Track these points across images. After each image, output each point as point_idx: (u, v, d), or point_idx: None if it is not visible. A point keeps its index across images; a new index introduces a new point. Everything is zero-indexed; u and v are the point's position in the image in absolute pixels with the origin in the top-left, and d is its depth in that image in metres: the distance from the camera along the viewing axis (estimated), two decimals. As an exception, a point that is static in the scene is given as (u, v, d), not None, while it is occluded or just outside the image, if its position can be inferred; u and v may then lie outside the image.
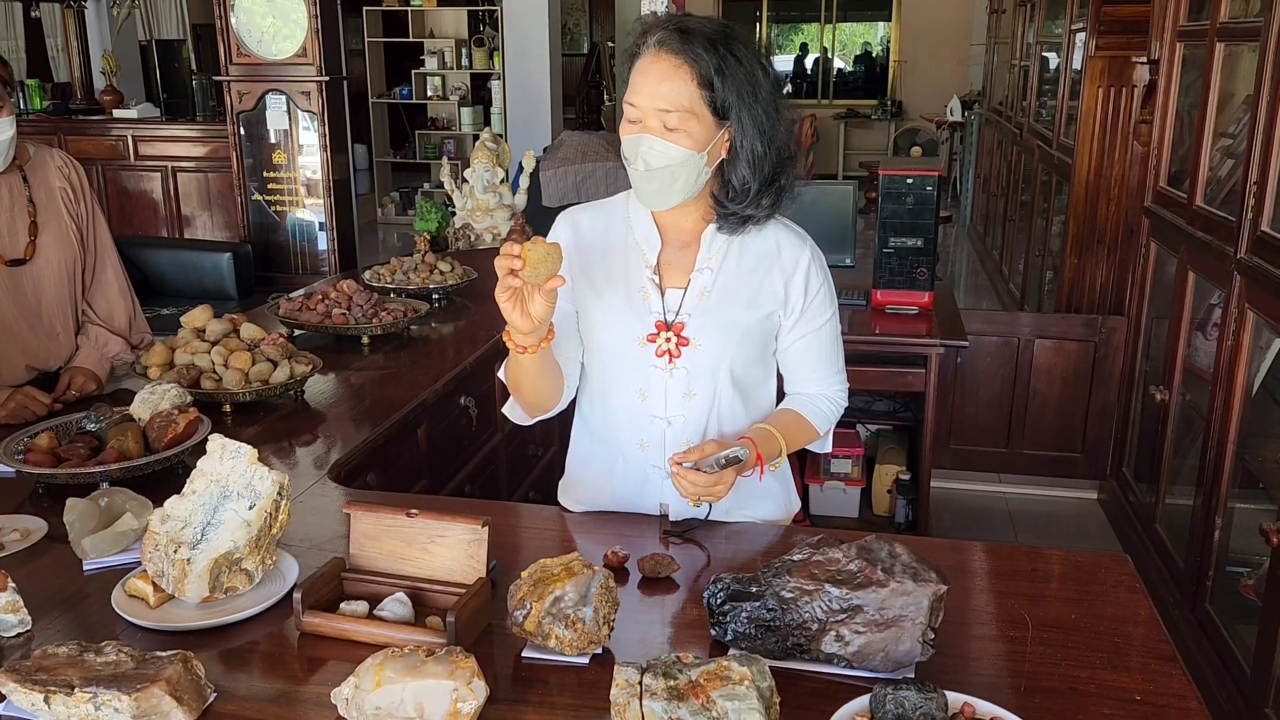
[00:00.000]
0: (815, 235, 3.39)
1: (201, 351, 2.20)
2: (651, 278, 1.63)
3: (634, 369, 1.63)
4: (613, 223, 1.67)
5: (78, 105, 7.52)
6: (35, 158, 2.22)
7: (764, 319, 1.65)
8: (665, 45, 1.51)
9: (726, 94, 1.51)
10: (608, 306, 1.64)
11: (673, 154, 1.50)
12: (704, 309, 1.61)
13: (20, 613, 1.36)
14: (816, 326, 1.68)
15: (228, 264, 4.81)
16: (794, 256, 1.65)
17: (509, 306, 1.43)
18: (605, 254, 1.65)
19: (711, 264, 1.63)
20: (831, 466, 3.42)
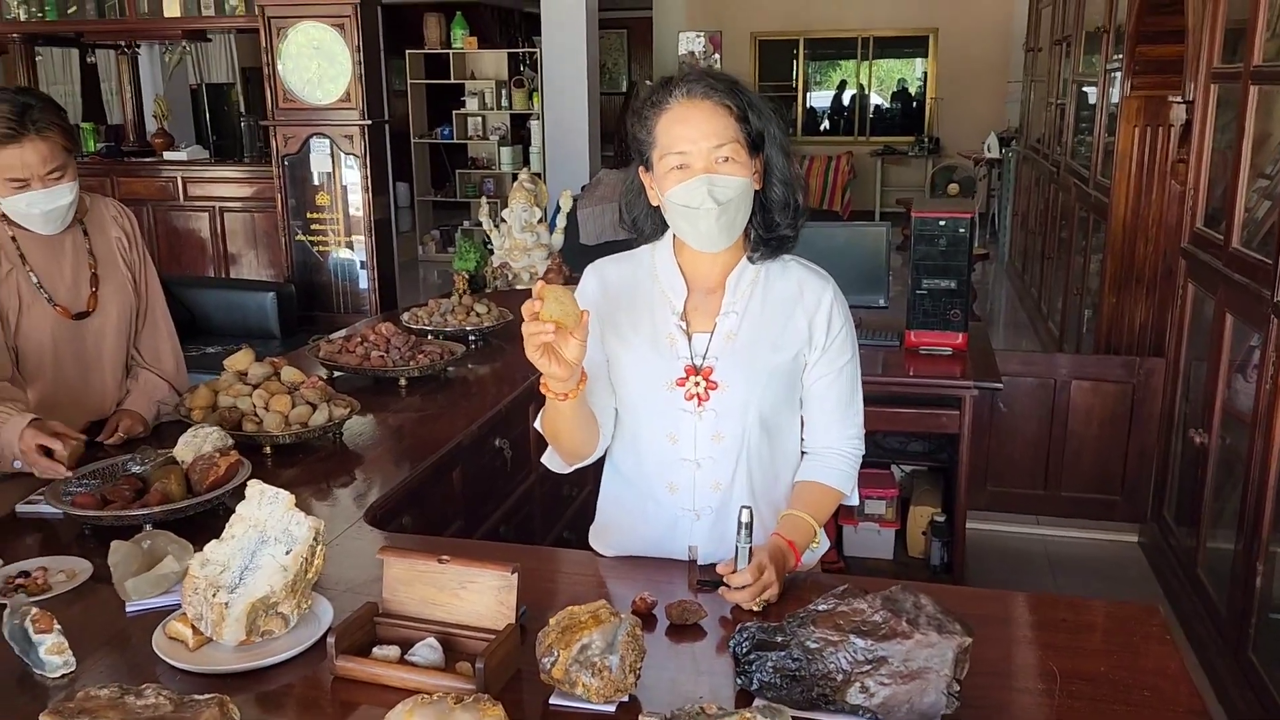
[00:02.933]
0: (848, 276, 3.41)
1: (243, 394, 2.26)
2: (679, 324, 1.67)
3: (663, 413, 1.67)
4: (639, 272, 1.72)
5: (130, 148, 7.73)
6: (93, 209, 2.30)
7: (790, 360, 1.68)
8: (695, 93, 1.59)
9: (760, 124, 1.62)
10: (636, 353, 1.68)
11: (737, 184, 1.58)
12: (730, 351, 1.65)
13: (65, 654, 1.40)
14: (837, 367, 1.71)
15: (271, 303, 4.91)
16: (816, 296, 1.69)
17: (544, 361, 1.47)
18: (632, 303, 1.70)
19: (737, 307, 1.67)
20: (865, 507, 3.41)
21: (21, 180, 2.02)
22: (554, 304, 1.45)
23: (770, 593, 1.54)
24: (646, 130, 1.61)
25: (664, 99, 1.60)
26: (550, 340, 1.45)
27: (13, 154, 2.00)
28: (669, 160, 1.58)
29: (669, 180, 1.59)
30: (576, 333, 1.46)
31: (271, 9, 4.97)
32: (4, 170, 2.01)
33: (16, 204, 2.05)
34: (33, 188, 2.04)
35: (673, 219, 1.63)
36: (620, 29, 14.32)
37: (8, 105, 1.99)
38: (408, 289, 8.08)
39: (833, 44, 12.43)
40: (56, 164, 2.05)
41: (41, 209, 2.07)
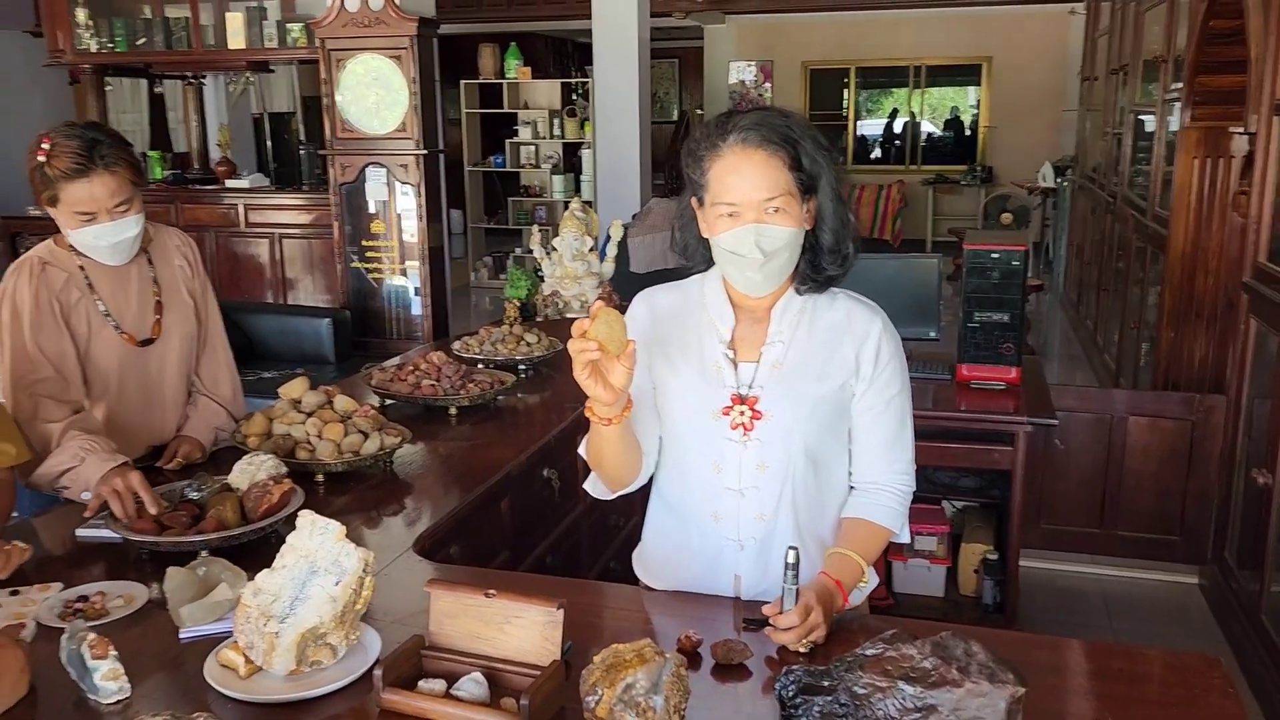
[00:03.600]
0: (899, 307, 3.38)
1: (297, 422, 2.29)
2: (726, 352, 1.67)
3: (709, 442, 1.67)
4: (688, 301, 1.74)
5: (194, 175, 7.92)
6: (157, 239, 2.36)
7: (836, 389, 1.67)
8: (748, 142, 1.59)
9: (812, 169, 1.62)
10: (683, 381, 1.68)
11: (784, 235, 1.59)
12: (776, 380, 1.65)
13: (120, 680, 1.43)
14: (886, 399, 1.69)
15: (327, 329, 4.99)
16: (865, 326, 1.69)
17: (590, 382, 1.49)
18: (681, 331, 1.71)
19: (783, 337, 1.67)
20: (915, 544, 3.37)
21: (89, 214, 2.08)
22: (603, 325, 1.46)
23: (817, 634, 1.53)
24: (700, 171, 1.63)
25: (718, 143, 1.61)
26: (595, 359, 1.46)
27: (82, 188, 2.05)
28: (720, 208, 1.60)
29: (719, 225, 1.61)
30: (623, 360, 1.48)
31: (332, 41, 5.08)
32: (73, 204, 2.07)
33: (84, 236, 2.11)
34: (100, 221, 2.09)
35: (720, 261, 1.65)
36: (671, 59, 14.43)
37: (78, 141, 2.05)
38: (460, 315, 8.17)
39: (884, 73, 12.40)
40: (123, 197, 2.11)
41: (109, 241, 2.12)
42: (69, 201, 2.07)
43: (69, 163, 2.04)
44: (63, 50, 7.51)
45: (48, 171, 2.05)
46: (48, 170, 2.05)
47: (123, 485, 1.91)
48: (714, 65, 12.15)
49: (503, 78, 9.69)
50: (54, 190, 2.06)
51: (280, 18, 7.01)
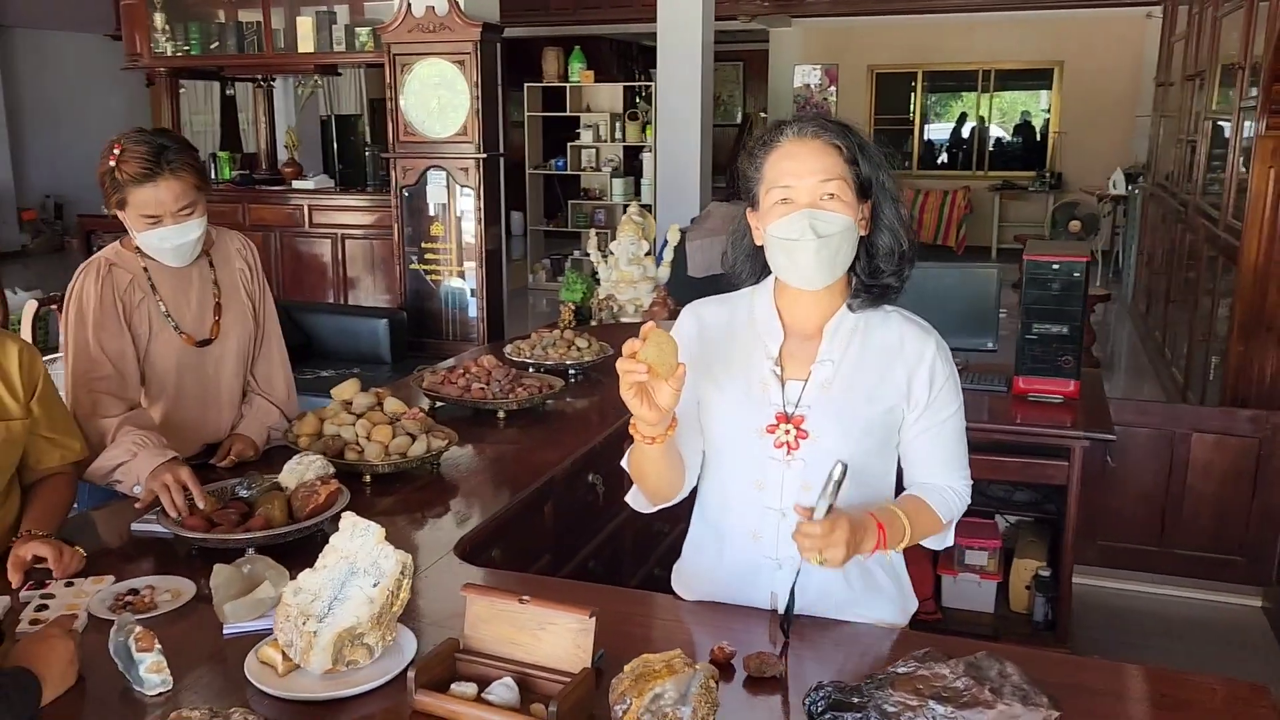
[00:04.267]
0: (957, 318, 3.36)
1: (347, 424, 2.33)
2: (773, 369, 1.65)
3: (752, 460, 1.65)
4: (736, 315, 1.71)
5: (262, 176, 8.10)
6: (218, 242, 2.42)
7: (885, 413, 1.64)
8: (805, 132, 1.60)
9: (869, 169, 1.61)
10: (728, 397, 1.67)
11: (839, 220, 1.57)
12: (824, 401, 1.62)
13: (163, 673, 1.46)
14: (940, 420, 1.66)
15: (383, 330, 5.06)
16: (918, 349, 1.65)
17: (636, 402, 1.48)
18: (728, 346, 1.69)
19: (834, 356, 1.64)
20: (966, 558, 3.31)
21: (155, 216, 2.14)
22: (654, 348, 1.45)
23: (833, 554, 1.49)
24: (755, 167, 1.62)
25: (775, 138, 1.62)
26: (643, 380, 1.45)
27: (148, 192, 2.12)
28: (774, 194, 1.59)
29: (772, 214, 1.59)
30: (671, 381, 1.47)
31: (397, 46, 5.16)
32: (140, 207, 2.13)
33: (150, 238, 2.18)
34: (165, 224, 2.15)
35: (772, 255, 1.62)
36: (736, 61, 14.39)
37: (146, 147, 2.11)
38: (517, 316, 8.24)
39: (953, 77, 12.22)
40: (187, 201, 2.16)
41: (172, 243, 2.18)
42: (136, 205, 2.13)
43: (137, 167, 2.10)
44: (140, 54, 7.73)
45: (117, 176, 2.11)
46: (117, 175, 2.11)
47: (172, 480, 1.96)
48: (779, 68, 12.09)
49: (565, 81, 9.76)
50: (123, 194, 2.13)
51: (349, 22, 7.15)
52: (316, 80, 8.54)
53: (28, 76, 11.40)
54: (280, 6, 7.32)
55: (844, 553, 1.50)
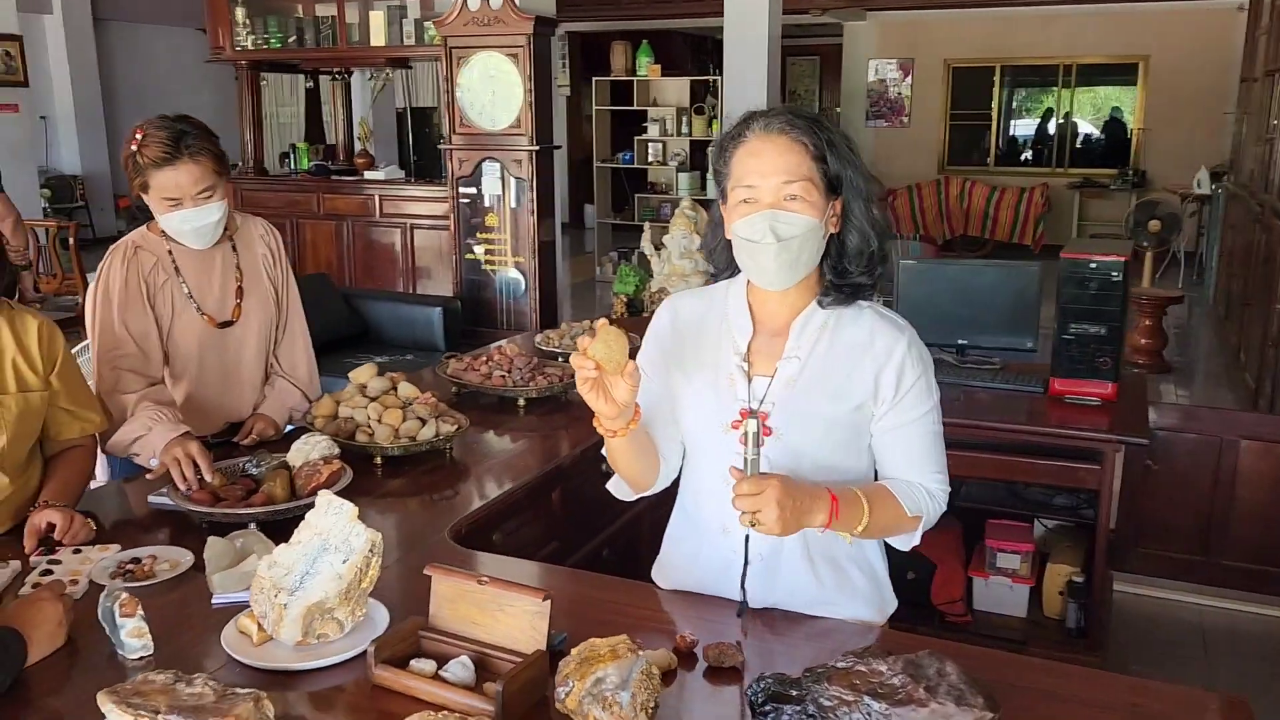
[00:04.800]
0: (996, 317, 3.30)
1: (360, 406, 2.39)
2: (740, 364, 1.65)
3: (719, 454, 1.65)
4: (711, 309, 1.71)
5: (337, 166, 8.30)
6: (243, 228, 2.50)
7: (852, 410, 1.62)
8: (772, 128, 1.58)
9: (838, 166, 1.58)
10: (696, 391, 1.67)
11: (801, 223, 1.55)
12: (788, 398, 1.61)
13: (144, 638, 1.53)
14: (910, 419, 1.64)
15: (438, 318, 5.16)
16: (888, 346, 1.63)
17: (592, 396, 1.50)
18: (699, 340, 1.69)
19: (800, 353, 1.63)
20: (998, 561, 3.25)
21: (175, 199, 2.23)
22: (602, 345, 1.47)
23: (766, 516, 1.45)
24: (724, 162, 1.62)
25: (743, 131, 1.60)
26: (594, 376, 1.47)
27: (168, 175, 2.20)
28: (739, 193, 1.58)
29: (737, 213, 1.59)
30: (625, 378, 1.48)
31: (454, 40, 5.25)
32: (160, 190, 2.22)
33: (171, 221, 2.26)
34: (185, 206, 2.24)
35: (738, 253, 1.62)
36: (812, 55, 14.26)
37: (166, 132, 2.20)
38: (584, 308, 8.30)
39: (1034, 71, 11.91)
40: (206, 185, 2.24)
41: (192, 225, 2.27)
42: (157, 188, 2.22)
43: (158, 151, 2.18)
44: (222, 47, 7.99)
45: (139, 160, 2.20)
46: (139, 159, 2.20)
47: (182, 454, 2.04)
48: (852, 63, 11.93)
49: (633, 75, 9.79)
50: (144, 177, 2.22)
51: (419, 16, 7.28)
52: (388, 73, 8.70)
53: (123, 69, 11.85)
54: (354, 1, 7.49)
55: (777, 515, 1.45)
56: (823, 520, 1.52)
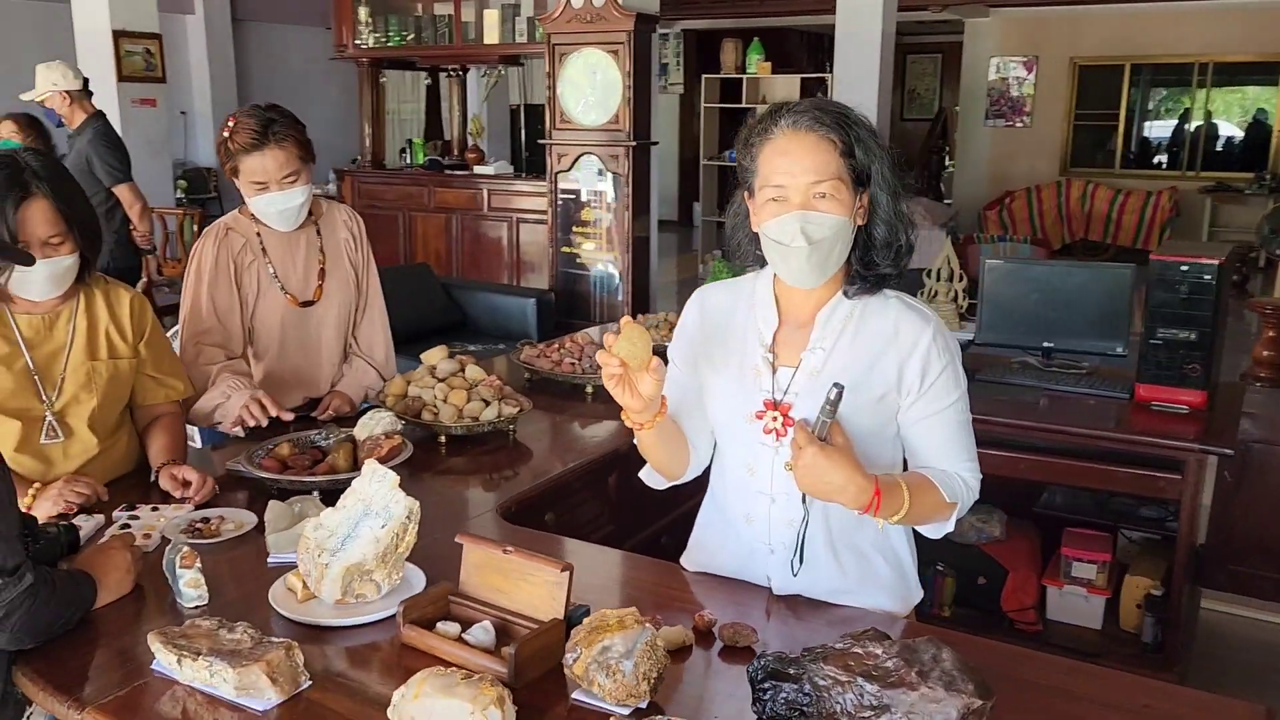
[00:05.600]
0: (1084, 321, 3.21)
1: (428, 387, 2.50)
2: (765, 356, 1.67)
3: (743, 444, 1.67)
4: (738, 301, 1.74)
5: (450, 161, 8.55)
6: (327, 214, 2.64)
7: (876, 401, 1.63)
8: (800, 125, 1.58)
9: (866, 160, 1.58)
10: (722, 382, 1.70)
11: (832, 223, 1.56)
12: (811, 389, 1.62)
13: (200, 589, 1.65)
14: (939, 408, 1.63)
15: (531, 309, 5.28)
16: (913, 337, 1.62)
17: (618, 391, 1.55)
18: (726, 332, 1.72)
19: (824, 344, 1.64)
20: (1073, 570, 3.16)
21: (261, 183, 2.37)
22: (625, 342, 1.52)
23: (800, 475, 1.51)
24: (751, 158, 1.63)
25: (770, 127, 1.60)
26: (618, 373, 1.52)
27: (255, 160, 2.35)
28: (767, 191, 1.59)
29: (765, 212, 1.60)
30: (649, 373, 1.52)
31: (557, 37, 5.36)
32: (249, 174, 2.37)
33: (258, 203, 2.41)
34: (271, 190, 2.38)
35: (767, 252, 1.63)
36: (934, 54, 13.97)
37: (255, 120, 2.34)
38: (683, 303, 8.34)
39: (1167, 70, 11.40)
40: (291, 169, 2.38)
41: (277, 208, 2.41)
42: (246, 171, 2.37)
43: (246, 138, 2.33)
44: (345, 45, 8.33)
45: (230, 146, 2.36)
46: (230, 145, 2.36)
47: (251, 399, 2.25)
48: (974, 61, 11.64)
49: (743, 73, 9.78)
50: (235, 162, 2.37)
51: (532, 14, 7.45)
52: (501, 70, 8.91)
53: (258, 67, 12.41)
54: (471, 0, 7.71)
55: (803, 476, 1.51)
56: (855, 506, 1.53)
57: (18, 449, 1.99)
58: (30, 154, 1.94)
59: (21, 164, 1.89)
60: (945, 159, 13.08)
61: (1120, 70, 11.18)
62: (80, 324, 2.06)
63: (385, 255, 7.99)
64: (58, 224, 1.92)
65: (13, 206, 1.86)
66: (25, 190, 1.87)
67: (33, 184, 1.88)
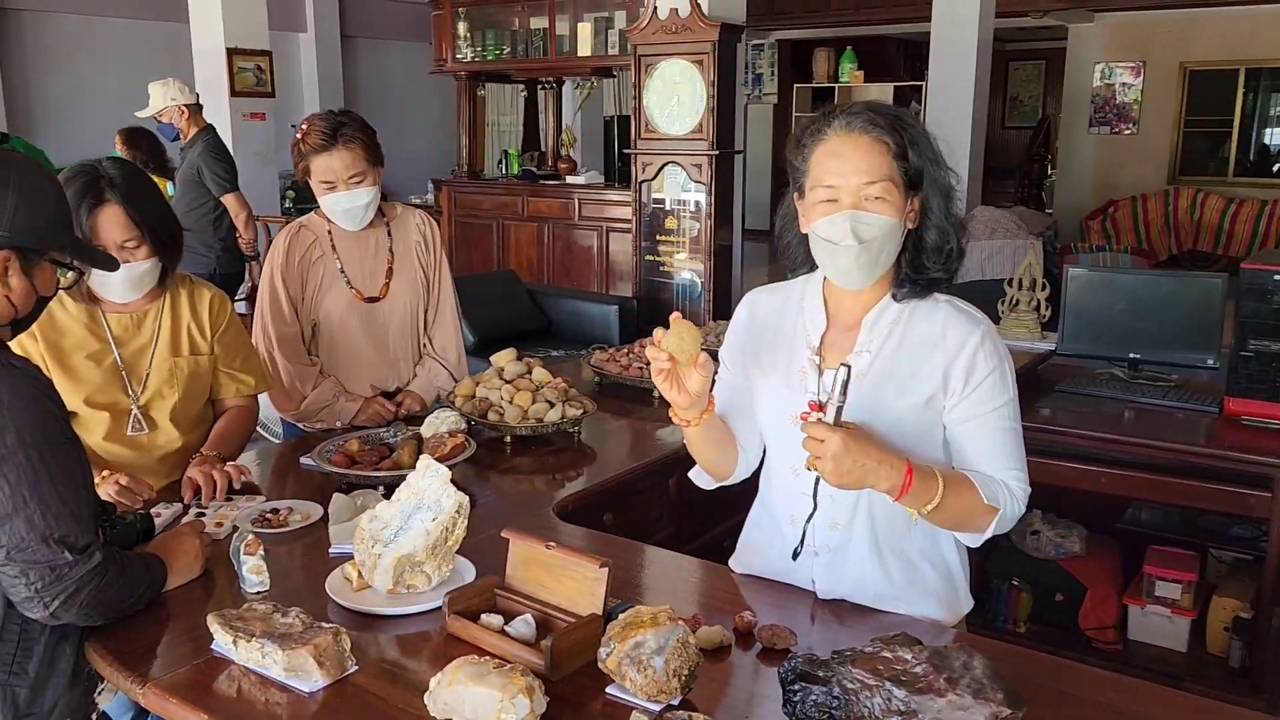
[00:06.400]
0: (1172, 332, 3.10)
1: (495, 388, 2.55)
2: (812, 358, 1.67)
3: (789, 446, 1.67)
4: (788, 304, 1.74)
5: (543, 171, 8.69)
6: (401, 217, 2.72)
7: (921, 405, 1.61)
8: (854, 127, 1.58)
9: (919, 162, 1.58)
10: (769, 384, 1.71)
11: (883, 224, 1.56)
12: (856, 391, 1.61)
13: (263, 575, 1.72)
14: (983, 412, 1.60)
15: (614, 315, 5.33)
16: (960, 339, 1.60)
17: (666, 386, 1.57)
18: (775, 334, 1.72)
19: (871, 347, 1.63)
20: (1157, 589, 3.05)
21: (329, 182, 2.48)
22: (675, 337, 1.54)
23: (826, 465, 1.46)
24: (802, 159, 1.63)
25: (823, 128, 1.61)
26: (667, 368, 1.54)
27: (324, 160, 2.46)
28: (818, 192, 1.59)
29: (816, 212, 1.60)
30: (697, 369, 1.53)
31: (643, 48, 5.41)
32: (318, 173, 2.48)
33: (326, 201, 2.53)
34: (338, 189, 2.49)
35: (816, 252, 1.63)
36: (1037, 60, 13.63)
37: (325, 122, 2.46)
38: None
39: (1286, 73, 10.89)
40: (357, 170, 2.48)
41: (344, 206, 2.51)
42: (315, 171, 2.49)
43: (317, 139, 2.45)
44: (444, 59, 8.56)
45: (302, 147, 2.48)
46: (302, 146, 2.48)
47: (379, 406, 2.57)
48: (1077, 66, 11.30)
49: (835, 81, 9.69)
50: (306, 161, 2.49)
51: (624, 26, 7.53)
52: (593, 82, 9.02)
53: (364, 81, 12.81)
54: (566, 14, 7.84)
55: (833, 466, 1.45)
56: (888, 487, 1.49)
57: (106, 438, 2.11)
58: (110, 162, 2.06)
59: (99, 172, 2.01)
60: (1047, 167, 12.73)
61: (1234, 75, 10.71)
62: (165, 322, 2.18)
63: (479, 262, 8.17)
64: (130, 229, 2.03)
65: (86, 212, 1.98)
66: (99, 197, 1.99)
67: (107, 191, 2.00)
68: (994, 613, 3.27)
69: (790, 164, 1.67)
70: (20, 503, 1.45)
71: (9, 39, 8.45)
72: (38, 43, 8.70)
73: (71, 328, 2.12)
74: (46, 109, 8.80)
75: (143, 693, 1.47)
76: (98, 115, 8.22)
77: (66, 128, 8.69)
